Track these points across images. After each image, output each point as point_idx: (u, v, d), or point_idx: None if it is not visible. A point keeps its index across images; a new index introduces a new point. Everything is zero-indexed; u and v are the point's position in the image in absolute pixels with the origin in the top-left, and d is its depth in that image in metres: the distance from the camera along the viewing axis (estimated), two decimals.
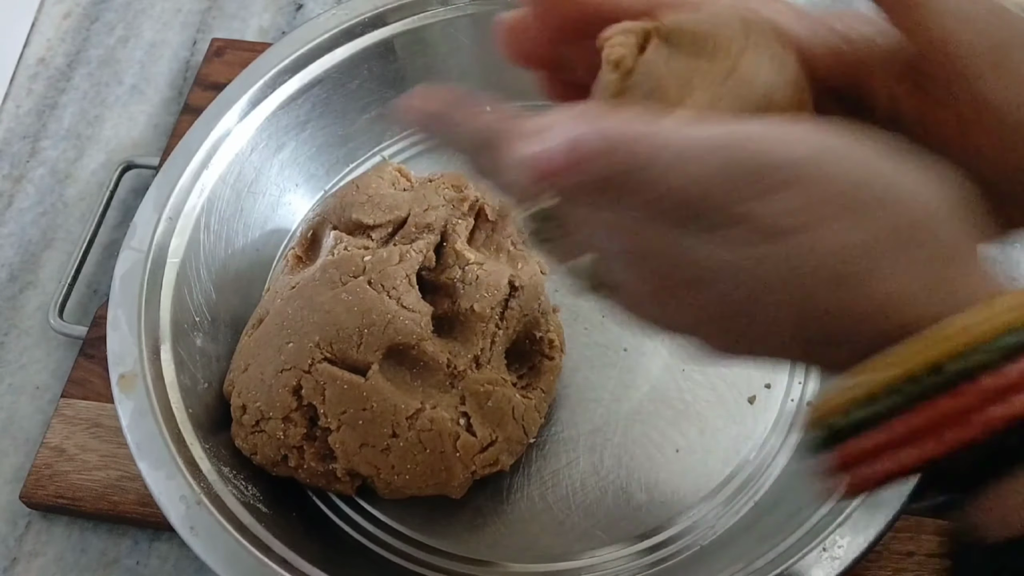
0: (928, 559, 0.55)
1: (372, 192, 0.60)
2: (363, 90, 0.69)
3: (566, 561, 0.56)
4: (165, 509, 0.51)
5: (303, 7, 0.83)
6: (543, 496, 0.58)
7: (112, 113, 0.79)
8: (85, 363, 0.64)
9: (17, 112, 0.79)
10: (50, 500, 0.60)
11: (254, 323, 0.58)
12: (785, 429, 0.58)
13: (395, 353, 0.54)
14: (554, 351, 0.58)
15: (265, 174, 0.66)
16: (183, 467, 0.52)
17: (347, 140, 0.70)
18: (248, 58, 0.67)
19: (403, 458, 0.53)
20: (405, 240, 0.58)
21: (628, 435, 0.59)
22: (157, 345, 0.56)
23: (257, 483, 0.55)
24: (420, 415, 0.53)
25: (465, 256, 0.57)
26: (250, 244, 0.65)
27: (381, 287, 0.55)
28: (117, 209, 0.73)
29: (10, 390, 0.67)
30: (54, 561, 0.60)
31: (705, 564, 0.53)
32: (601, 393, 0.60)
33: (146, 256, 0.59)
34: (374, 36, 0.68)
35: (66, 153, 0.77)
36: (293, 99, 0.66)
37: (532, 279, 0.58)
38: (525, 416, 0.56)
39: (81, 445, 0.61)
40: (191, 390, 0.56)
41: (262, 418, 0.54)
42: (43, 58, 0.82)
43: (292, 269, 0.61)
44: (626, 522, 0.56)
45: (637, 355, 0.61)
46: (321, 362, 0.53)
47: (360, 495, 0.57)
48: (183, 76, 0.80)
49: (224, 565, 0.49)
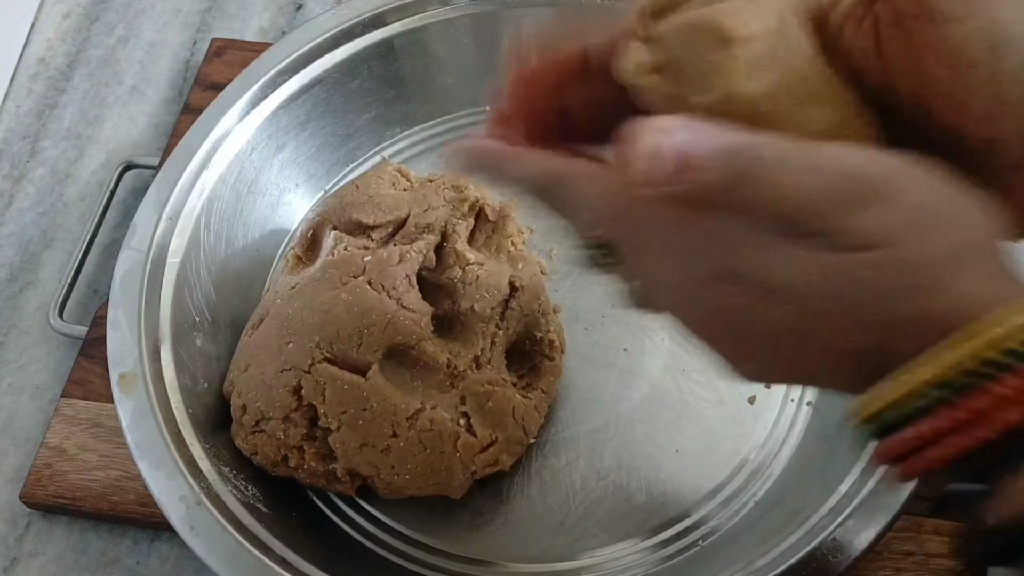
0: (928, 559, 0.55)
1: (372, 192, 0.60)
2: (363, 90, 0.69)
3: (566, 561, 0.56)
4: (165, 509, 0.51)
5: (303, 7, 0.83)
6: (543, 496, 0.58)
7: (112, 113, 0.79)
8: (85, 363, 0.64)
9: (17, 112, 0.79)
10: (50, 500, 0.60)
11: (254, 323, 0.58)
12: (785, 429, 0.58)
13: (395, 353, 0.54)
14: (554, 351, 0.58)
15: (265, 174, 0.66)
16: (183, 467, 0.52)
17: (347, 140, 0.70)
18: (248, 58, 0.67)
19: (403, 458, 0.53)
20: (405, 240, 0.58)
21: (628, 435, 0.59)
22: (157, 345, 0.56)
23: (257, 483, 0.55)
24: (420, 415, 0.53)
25: (465, 256, 0.57)
26: (250, 244, 0.65)
27: (381, 287, 0.55)
28: (117, 209, 0.73)
29: (10, 390, 0.67)
30: (54, 561, 0.60)
31: (705, 564, 0.53)
32: (601, 393, 0.60)
33: (146, 256, 0.59)
34: (374, 36, 0.68)
35: (66, 153, 0.77)
36: (293, 99, 0.66)
37: (532, 279, 0.58)
38: (525, 416, 0.56)
39: (81, 445, 0.61)
40: (191, 390, 0.56)
41: (262, 418, 0.54)
42: (43, 58, 0.82)
43: (292, 269, 0.61)
44: (626, 522, 0.56)
45: (637, 355, 0.61)
46: (321, 362, 0.53)
47: (360, 495, 0.57)
48: (183, 76, 0.80)
49: (224, 565, 0.49)
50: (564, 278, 0.65)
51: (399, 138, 0.71)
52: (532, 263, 0.59)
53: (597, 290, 0.64)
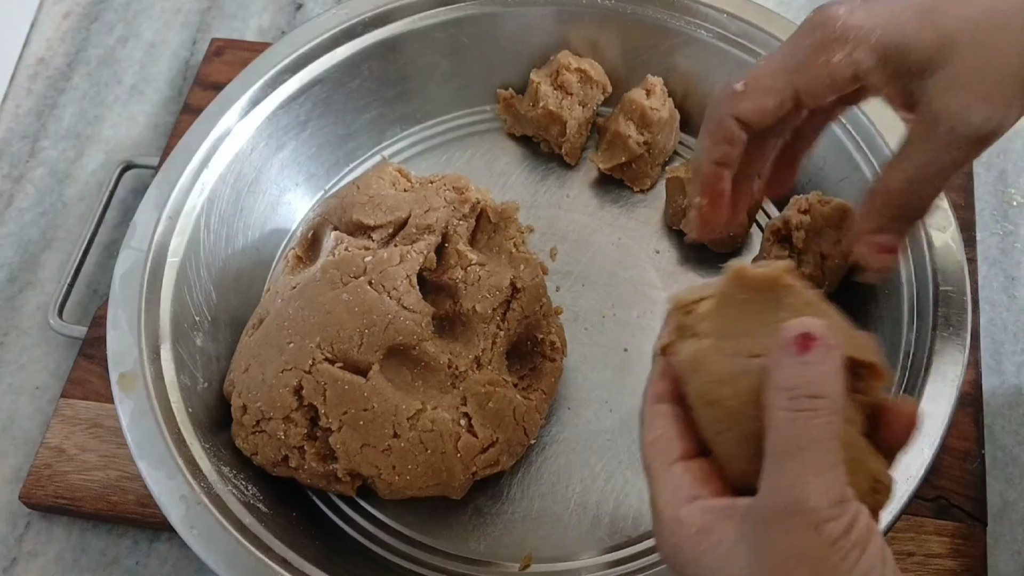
0: (928, 559, 0.55)
1: (373, 193, 0.60)
2: (363, 90, 0.69)
3: (566, 561, 0.56)
4: (165, 509, 0.51)
5: (303, 7, 0.83)
6: (543, 496, 0.58)
7: (112, 113, 0.79)
8: (85, 363, 0.64)
9: (17, 112, 0.79)
10: (50, 500, 0.60)
11: (254, 323, 0.58)
12: None
13: (396, 354, 0.54)
14: (555, 353, 0.58)
15: (265, 174, 0.66)
16: (183, 467, 0.52)
17: (347, 140, 0.70)
18: (248, 58, 0.67)
19: (404, 459, 0.53)
20: (406, 241, 0.58)
21: (628, 435, 0.59)
22: (157, 345, 0.56)
23: (257, 483, 0.55)
24: (421, 416, 0.53)
25: (467, 256, 0.57)
26: (250, 244, 0.65)
27: (382, 288, 0.55)
28: (117, 209, 0.73)
29: (10, 390, 0.67)
30: (54, 561, 0.60)
31: None
32: (601, 393, 0.60)
33: (146, 256, 0.58)
34: (374, 36, 0.68)
35: (66, 153, 0.77)
36: (293, 99, 0.66)
37: (534, 281, 0.58)
38: (526, 417, 0.56)
39: (81, 445, 0.61)
40: (191, 390, 0.56)
41: (263, 418, 0.54)
42: (43, 58, 0.82)
43: (292, 269, 0.60)
44: (626, 522, 0.56)
45: (637, 355, 0.61)
46: (322, 362, 0.53)
47: (360, 495, 0.57)
48: (183, 76, 0.80)
49: (224, 565, 0.49)
50: (565, 278, 0.65)
51: (399, 138, 0.71)
52: (533, 264, 0.59)
53: (598, 291, 0.64)
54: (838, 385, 0.34)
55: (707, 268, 0.64)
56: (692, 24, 0.66)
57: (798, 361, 0.34)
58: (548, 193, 0.69)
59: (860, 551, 0.32)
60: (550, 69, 0.69)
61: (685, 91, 0.69)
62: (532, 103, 0.68)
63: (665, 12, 0.67)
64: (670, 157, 0.69)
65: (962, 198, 0.67)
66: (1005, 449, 0.60)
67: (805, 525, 0.32)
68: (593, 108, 0.69)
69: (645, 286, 0.64)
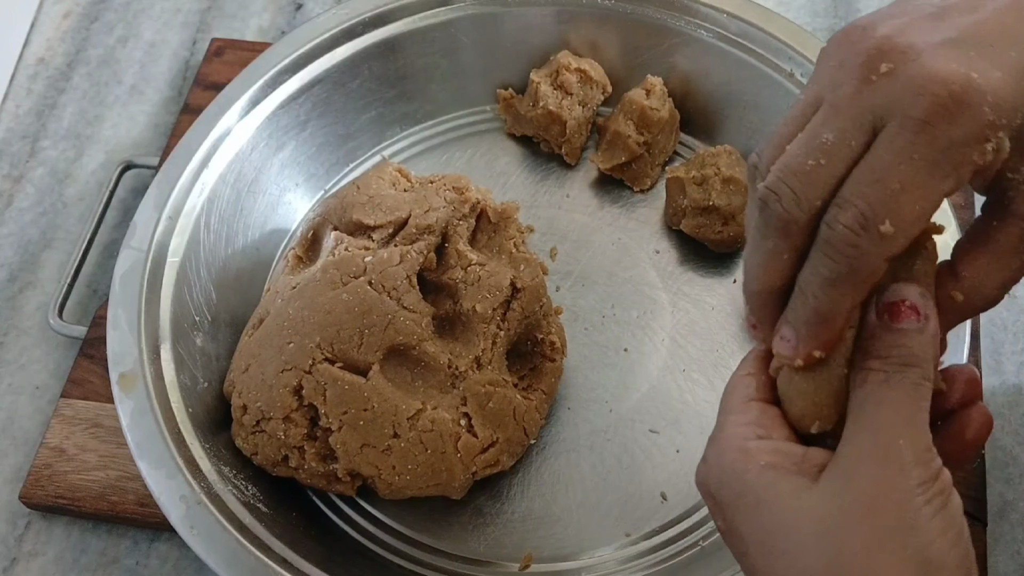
0: None
1: (373, 193, 0.60)
2: (363, 90, 0.69)
3: (566, 561, 0.56)
4: (165, 509, 0.51)
5: (303, 7, 0.83)
6: (543, 496, 0.58)
7: (112, 113, 0.79)
8: (85, 363, 0.64)
9: (17, 112, 0.79)
10: (50, 500, 0.60)
11: (254, 323, 0.58)
12: None
13: (396, 354, 0.54)
14: (555, 353, 0.58)
15: (265, 174, 0.66)
16: (183, 467, 0.52)
17: (347, 140, 0.70)
18: (248, 58, 0.67)
19: (404, 459, 0.53)
20: (406, 241, 0.58)
21: (628, 435, 0.59)
22: (157, 345, 0.56)
23: (257, 483, 0.55)
24: (421, 416, 0.53)
25: (467, 256, 0.57)
26: (250, 244, 0.65)
27: (382, 288, 0.55)
28: (117, 209, 0.73)
29: (10, 390, 0.67)
30: (54, 561, 0.60)
31: (705, 564, 0.53)
32: (601, 393, 0.60)
33: (146, 255, 0.59)
34: (374, 36, 0.68)
35: (66, 153, 0.77)
36: (293, 99, 0.66)
37: (534, 281, 0.58)
38: (526, 417, 0.56)
39: (81, 445, 0.61)
40: (191, 390, 0.56)
41: (263, 418, 0.54)
42: (43, 58, 0.82)
43: (292, 269, 0.60)
44: (626, 522, 0.56)
45: (637, 355, 0.61)
46: (322, 362, 0.53)
47: (360, 495, 0.57)
48: (183, 76, 0.80)
49: (224, 565, 0.49)
50: (565, 278, 0.65)
51: (399, 138, 0.71)
52: (534, 264, 0.59)
53: (598, 291, 0.64)
54: (930, 354, 0.34)
55: (707, 268, 0.64)
56: (692, 24, 0.66)
57: (893, 328, 0.34)
58: (548, 193, 0.69)
59: (942, 502, 0.32)
60: (550, 69, 0.69)
61: (685, 91, 0.69)
62: (532, 103, 0.68)
63: (665, 12, 0.67)
64: (670, 157, 0.69)
65: (962, 198, 0.67)
66: (1005, 449, 0.60)
67: (892, 467, 0.32)
68: (593, 108, 0.69)
69: (645, 286, 0.64)
